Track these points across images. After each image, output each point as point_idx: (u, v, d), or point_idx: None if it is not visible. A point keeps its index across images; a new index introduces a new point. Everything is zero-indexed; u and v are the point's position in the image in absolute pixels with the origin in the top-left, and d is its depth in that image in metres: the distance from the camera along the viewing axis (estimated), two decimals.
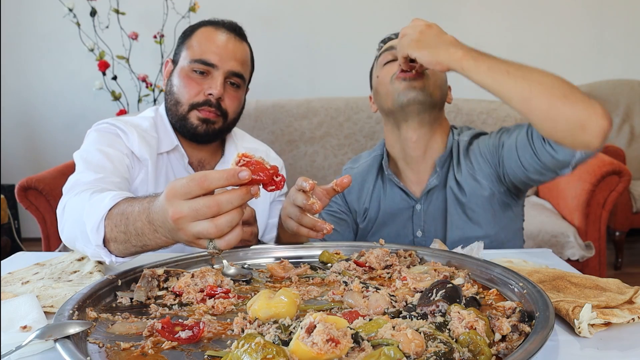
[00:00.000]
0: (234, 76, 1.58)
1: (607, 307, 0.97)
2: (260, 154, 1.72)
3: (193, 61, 1.56)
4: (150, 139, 1.58)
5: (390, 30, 1.71)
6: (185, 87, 1.57)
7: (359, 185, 1.70)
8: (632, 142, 4.16)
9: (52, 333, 0.84)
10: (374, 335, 0.82)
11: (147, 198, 1.03)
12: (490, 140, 1.53)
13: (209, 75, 1.57)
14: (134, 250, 1.07)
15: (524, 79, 1.16)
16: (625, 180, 2.90)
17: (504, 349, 0.84)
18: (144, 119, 1.64)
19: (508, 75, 1.16)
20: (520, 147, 1.39)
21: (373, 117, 3.47)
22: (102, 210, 1.10)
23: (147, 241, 1.02)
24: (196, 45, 1.58)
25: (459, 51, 1.19)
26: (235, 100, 1.62)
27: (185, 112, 1.58)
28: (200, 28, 1.62)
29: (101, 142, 1.50)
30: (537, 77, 1.17)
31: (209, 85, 1.56)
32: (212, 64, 1.55)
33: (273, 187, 0.91)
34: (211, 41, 1.57)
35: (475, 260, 1.18)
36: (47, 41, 4.34)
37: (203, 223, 0.89)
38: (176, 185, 0.90)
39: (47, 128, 4.48)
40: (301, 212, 1.23)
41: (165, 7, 4.02)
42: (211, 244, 0.92)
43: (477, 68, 1.17)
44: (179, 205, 0.89)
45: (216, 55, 1.56)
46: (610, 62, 4.36)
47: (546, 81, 1.17)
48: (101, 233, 1.09)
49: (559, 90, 1.17)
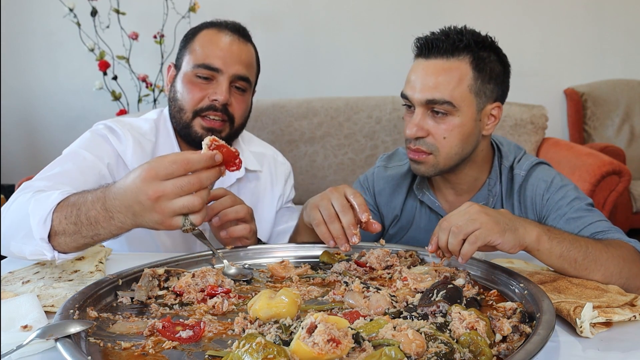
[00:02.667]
0: (240, 80, 1.52)
1: (608, 306, 0.97)
2: (268, 158, 1.71)
3: (196, 66, 1.50)
4: (146, 145, 1.53)
5: (390, 30, 1.70)
6: (189, 93, 1.51)
7: (391, 189, 1.63)
8: (632, 142, 4.16)
9: (53, 332, 0.84)
10: (375, 336, 0.81)
11: (99, 188, 1.08)
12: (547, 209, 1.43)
13: (213, 80, 1.50)
14: (83, 242, 1.10)
15: (587, 269, 1.15)
16: (625, 180, 2.90)
17: (505, 350, 0.84)
18: (146, 121, 1.59)
19: (575, 264, 1.14)
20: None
21: (373, 117, 3.47)
22: (50, 203, 1.10)
23: (100, 230, 1.06)
24: (199, 49, 1.52)
25: (534, 229, 1.12)
26: (242, 105, 1.56)
27: (189, 119, 1.51)
28: (203, 30, 1.56)
29: (87, 146, 1.45)
30: (602, 264, 1.15)
31: (214, 90, 1.49)
32: (217, 68, 1.49)
33: (234, 168, 1.08)
34: (214, 44, 1.51)
35: (476, 261, 1.18)
36: (47, 41, 4.33)
37: (186, 198, 0.99)
38: (157, 167, 0.99)
39: (47, 128, 4.48)
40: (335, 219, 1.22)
41: (165, 7, 4.02)
42: (187, 221, 1.02)
43: (550, 252, 1.13)
44: (160, 185, 0.98)
45: (220, 59, 1.49)
46: (610, 62, 4.35)
47: (611, 268, 1.16)
48: (48, 226, 1.09)
49: (620, 276, 1.16)
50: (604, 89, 4.22)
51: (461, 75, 1.36)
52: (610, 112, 4.19)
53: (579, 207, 1.37)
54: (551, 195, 1.42)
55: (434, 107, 1.37)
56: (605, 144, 3.69)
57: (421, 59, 1.41)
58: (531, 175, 1.48)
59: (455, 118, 1.38)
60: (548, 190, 1.44)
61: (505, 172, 1.51)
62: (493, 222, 1.06)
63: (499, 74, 1.42)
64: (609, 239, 1.25)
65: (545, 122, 3.40)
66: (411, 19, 4.13)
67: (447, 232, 1.08)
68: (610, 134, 4.18)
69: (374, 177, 1.65)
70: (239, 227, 1.34)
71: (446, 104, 1.36)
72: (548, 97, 4.17)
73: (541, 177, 1.47)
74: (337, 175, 3.53)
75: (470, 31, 1.39)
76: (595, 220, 1.33)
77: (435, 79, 1.36)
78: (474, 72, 1.37)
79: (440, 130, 1.38)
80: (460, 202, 1.47)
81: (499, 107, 1.45)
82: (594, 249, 1.15)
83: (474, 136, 1.42)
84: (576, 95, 4.20)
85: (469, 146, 1.43)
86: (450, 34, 1.38)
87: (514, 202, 1.49)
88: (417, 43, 1.41)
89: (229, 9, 4.04)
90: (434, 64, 1.38)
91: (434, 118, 1.39)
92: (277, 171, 1.75)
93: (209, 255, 1.26)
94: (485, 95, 1.40)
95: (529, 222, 1.13)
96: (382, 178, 1.64)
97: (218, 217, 1.32)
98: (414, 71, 1.41)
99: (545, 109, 3.43)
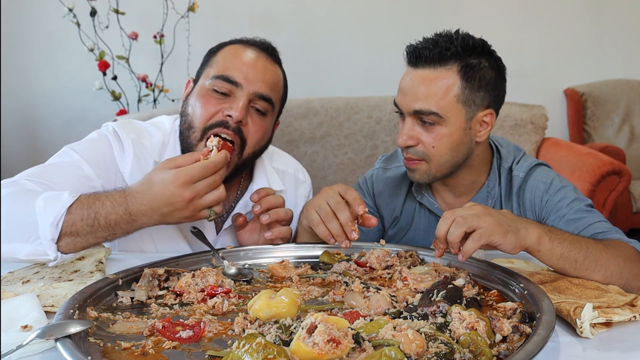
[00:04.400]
0: (261, 99, 1.36)
1: (608, 307, 0.97)
2: (289, 177, 1.62)
3: (215, 78, 1.35)
4: (146, 166, 1.39)
5: (389, 30, 1.69)
6: (201, 108, 1.35)
7: (391, 191, 1.63)
8: (632, 142, 4.16)
9: (53, 332, 0.84)
10: (375, 336, 0.81)
11: (116, 193, 1.19)
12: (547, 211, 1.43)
13: (231, 96, 1.35)
14: (95, 241, 1.19)
15: (587, 270, 1.15)
16: (625, 180, 2.90)
17: (505, 350, 0.83)
18: (158, 130, 1.47)
19: (575, 265, 1.14)
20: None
21: (373, 117, 3.47)
22: (63, 206, 1.14)
23: (118, 230, 1.19)
24: (220, 62, 1.38)
25: (535, 230, 1.11)
26: (260, 130, 1.38)
27: (197, 140, 1.35)
28: (228, 45, 1.43)
29: (89, 153, 1.36)
30: (602, 265, 1.15)
31: (230, 105, 1.34)
32: (236, 82, 1.34)
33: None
34: (238, 57, 1.38)
35: (476, 261, 1.17)
36: (47, 41, 4.33)
37: (214, 193, 1.19)
38: (191, 173, 1.16)
39: (47, 128, 4.47)
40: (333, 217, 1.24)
41: (165, 7, 4.01)
42: (212, 211, 1.21)
43: (551, 253, 1.13)
44: (194, 187, 1.16)
45: (241, 72, 1.35)
46: (610, 62, 4.35)
47: (611, 268, 1.16)
48: (59, 227, 1.14)
49: (621, 276, 1.16)
50: (604, 89, 4.22)
51: (448, 85, 1.36)
52: (610, 112, 4.19)
53: (579, 208, 1.37)
54: (550, 197, 1.42)
55: (421, 117, 1.37)
56: (605, 144, 3.69)
57: (410, 67, 1.41)
58: (530, 176, 1.48)
59: (443, 128, 1.37)
60: (547, 191, 1.43)
61: (504, 174, 1.50)
62: (496, 223, 1.06)
63: (490, 80, 1.40)
64: (609, 239, 1.25)
65: (545, 122, 3.40)
66: (411, 19, 4.13)
67: (450, 221, 1.07)
68: (610, 134, 4.18)
69: (373, 179, 1.65)
70: (284, 229, 1.37)
71: (433, 114, 1.36)
72: (548, 97, 4.17)
73: (540, 178, 1.46)
74: (337, 175, 3.53)
75: (461, 37, 1.37)
76: (595, 221, 1.33)
77: (422, 89, 1.36)
78: (462, 81, 1.36)
79: (429, 139, 1.39)
80: (459, 203, 1.47)
81: (491, 114, 1.43)
82: (594, 249, 1.15)
83: (465, 144, 1.41)
84: (576, 95, 4.20)
85: (460, 154, 1.42)
86: (439, 42, 1.36)
87: (512, 204, 1.48)
88: (407, 50, 1.40)
89: (229, 9, 4.03)
90: (421, 73, 1.37)
91: (423, 127, 1.39)
92: (299, 191, 1.66)
93: (209, 255, 1.26)
94: (475, 103, 1.39)
95: (530, 223, 1.13)
96: (381, 180, 1.63)
97: (268, 215, 1.33)
98: (404, 80, 1.42)
99: (545, 109, 3.43)
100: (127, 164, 1.39)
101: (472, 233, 1.06)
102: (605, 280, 1.14)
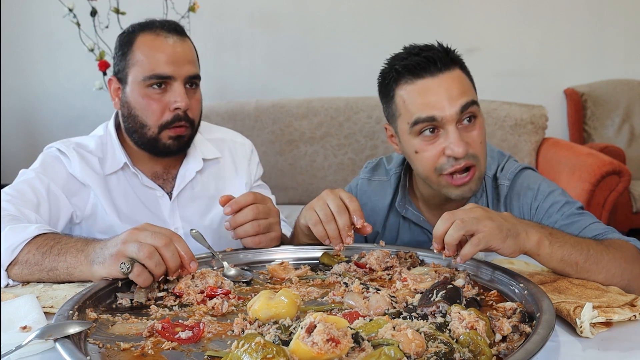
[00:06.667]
0: (192, 79, 1.50)
1: (608, 306, 0.97)
2: (227, 142, 1.68)
3: (147, 78, 1.45)
4: (92, 163, 1.51)
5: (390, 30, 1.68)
6: (149, 109, 1.46)
7: (372, 204, 1.58)
8: (632, 142, 4.16)
9: (52, 333, 0.84)
10: (375, 336, 0.81)
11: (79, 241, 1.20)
12: (538, 218, 1.39)
13: (168, 87, 1.46)
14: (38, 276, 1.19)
15: (588, 272, 1.14)
16: (625, 180, 2.90)
17: (505, 350, 0.83)
18: (92, 139, 1.57)
19: (576, 267, 1.13)
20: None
21: (373, 117, 3.47)
22: (25, 235, 1.19)
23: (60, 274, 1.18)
24: (143, 59, 1.46)
25: (536, 234, 1.10)
26: (198, 102, 1.54)
27: (156, 134, 1.48)
28: (138, 36, 1.50)
29: (41, 172, 1.47)
30: (603, 267, 1.14)
31: (173, 98, 1.45)
32: (168, 76, 1.45)
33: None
34: (157, 51, 1.46)
35: (476, 261, 1.17)
36: (47, 41, 4.33)
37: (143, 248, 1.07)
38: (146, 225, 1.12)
39: (47, 128, 4.47)
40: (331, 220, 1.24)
41: (165, 7, 4.01)
42: (127, 265, 1.05)
43: (551, 256, 1.12)
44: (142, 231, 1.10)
45: (168, 65, 1.44)
46: (610, 62, 4.35)
47: (613, 270, 1.15)
48: (15, 255, 1.18)
49: (622, 278, 1.16)
50: (604, 89, 4.22)
51: (466, 78, 1.37)
52: (610, 112, 4.19)
53: (570, 213, 1.35)
54: (540, 204, 1.39)
55: (465, 113, 1.32)
56: (605, 144, 3.68)
57: (427, 78, 1.33)
58: (516, 183, 1.44)
59: (480, 117, 1.36)
60: (536, 198, 1.40)
61: (489, 183, 1.46)
62: (496, 228, 1.05)
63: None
64: (609, 240, 1.24)
65: (545, 122, 3.39)
66: (411, 18, 4.13)
67: (449, 223, 1.06)
68: (610, 134, 4.18)
69: (357, 189, 1.62)
70: (249, 226, 1.31)
71: (476, 104, 1.34)
72: (548, 97, 4.16)
73: (526, 185, 1.43)
74: (337, 175, 3.53)
75: (440, 46, 1.36)
76: (589, 223, 1.31)
77: (456, 86, 1.32)
78: (466, 75, 1.38)
79: (475, 137, 1.34)
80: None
81: None
82: (595, 251, 1.14)
83: None
84: (576, 95, 4.20)
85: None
86: (434, 49, 1.35)
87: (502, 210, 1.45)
88: (410, 64, 1.33)
89: (229, 9, 4.03)
90: (444, 77, 1.32)
91: (465, 128, 1.33)
92: (238, 153, 1.70)
93: (209, 256, 1.26)
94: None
95: (531, 226, 1.12)
96: (365, 192, 1.60)
97: (230, 207, 1.30)
98: (429, 92, 1.32)
99: (545, 109, 3.43)
100: (76, 164, 1.49)
101: (471, 237, 1.05)
102: (606, 282, 1.14)
